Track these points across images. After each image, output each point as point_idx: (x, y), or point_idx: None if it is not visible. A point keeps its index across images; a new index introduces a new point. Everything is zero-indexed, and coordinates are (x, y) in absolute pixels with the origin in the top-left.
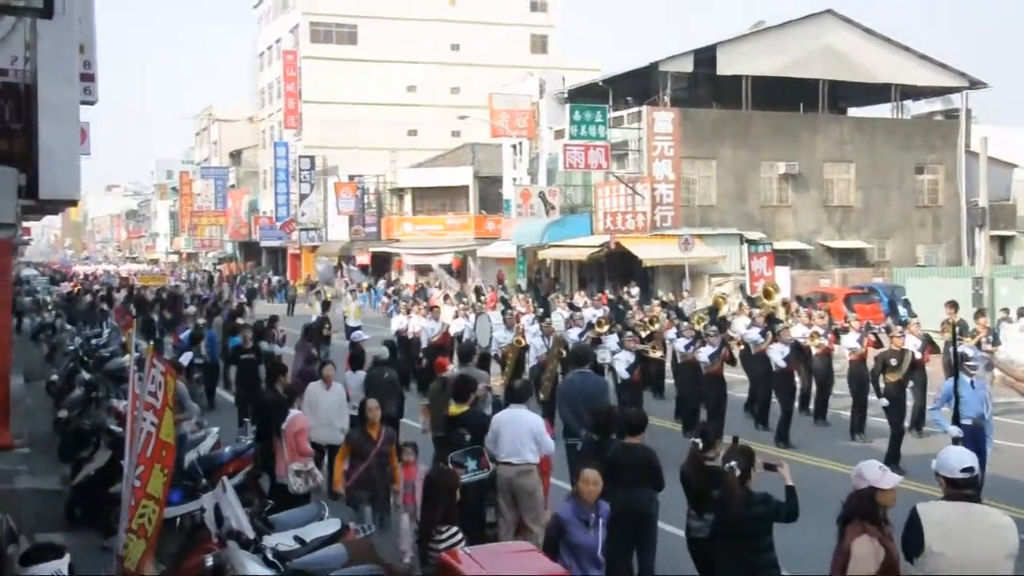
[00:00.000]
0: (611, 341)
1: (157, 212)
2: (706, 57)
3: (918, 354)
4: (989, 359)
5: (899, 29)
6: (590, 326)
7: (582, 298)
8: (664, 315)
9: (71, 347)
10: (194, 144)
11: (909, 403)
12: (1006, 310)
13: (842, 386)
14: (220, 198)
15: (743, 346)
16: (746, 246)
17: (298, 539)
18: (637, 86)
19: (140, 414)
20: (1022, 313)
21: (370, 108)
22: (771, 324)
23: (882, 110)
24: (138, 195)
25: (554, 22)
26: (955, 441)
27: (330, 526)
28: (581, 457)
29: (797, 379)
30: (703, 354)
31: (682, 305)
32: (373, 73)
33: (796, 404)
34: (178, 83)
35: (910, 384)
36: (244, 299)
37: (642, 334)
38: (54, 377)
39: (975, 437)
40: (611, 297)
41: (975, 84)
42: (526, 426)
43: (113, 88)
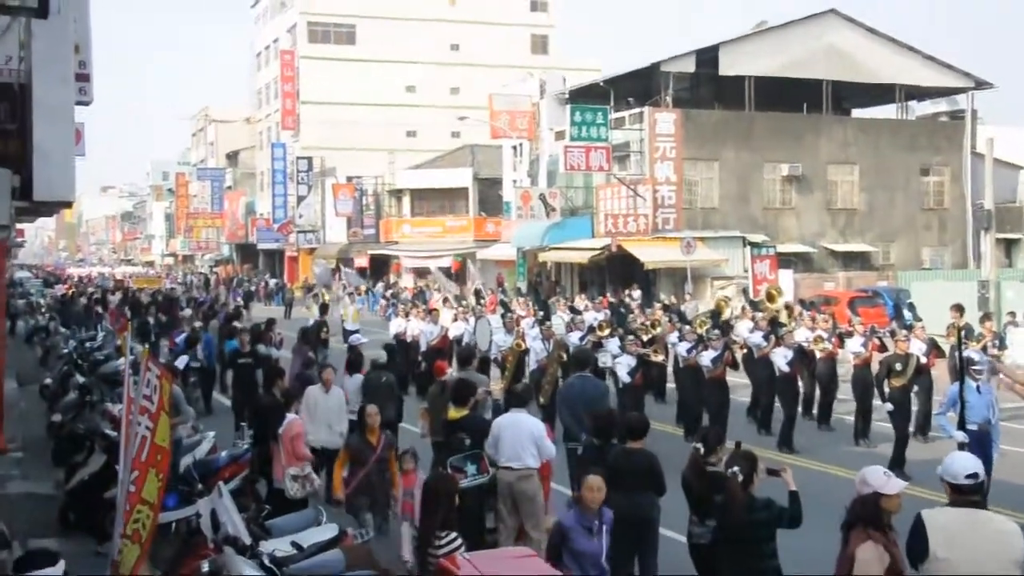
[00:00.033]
0: (612, 345)
1: (153, 214)
2: (708, 57)
3: (923, 358)
4: (993, 363)
5: (903, 29)
6: (591, 329)
7: (583, 301)
8: (666, 319)
9: (65, 350)
10: (190, 145)
11: (913, 408)
12: (1012, 314)
13: (846, 391)
14: (216, 200)
15: (746, 350)
16: (749, 249)
17: (295, 544)
18: (638, 87)
19: (135, 418)
20: None
21: (369, 109)
22: (774, 328)
23: (886, 111)
24: (133, 196)
25: (555, 22)
26: (961, 446)
27: (328, 531)
28: (581, 462)
29: (800, 384)
30: (705, 358)
31: (684, 308)
32: (372, 73)
33: (799, 409)
34: (175, 83)
35: (915, 389)
36: (241, 302)
37: (644, 338)
38: (48, 381)
39: (981, 442)
40: (612, 300)
41: (981, 84)
42: (527, 430)
43: (108, 88)
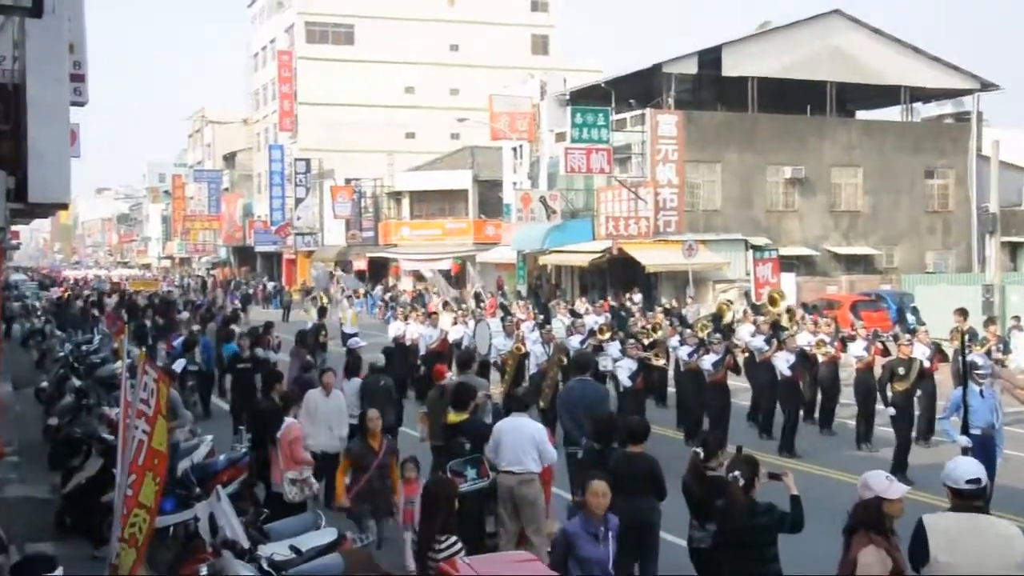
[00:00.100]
0: (613, 348)
1: (149, 216)
2: (711, 58)
3: (926, 363)
4: (994, 368)
5: (908, 29)
6: (592, 333)
7: (583, 304)
8: (667, 322)
9: (61, 353)
10: (187, 146)
11: (916, 412)
12: (1017, 318)
13: (848, 395)
14: (214, 202)
15: (747, 354)
16: (751, 252)
17: (294, 549)
18: (640, 88)
19: (132, 422)
20: None
21: (367, 110)
22: (776, 332)
23: (891, 113)
24: (130, 198)
25: (555, 22)
26: (964, 451)
27: (327, 535)
28: (582, 466)
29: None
30: (707, 362)
31: (685, 312)
32: (370, 74)
33: (801, 413)
34: (171, 84)
35: (918, 393)
36: (238, 305)
37: (645, 341)
38: (44, 384)
39: (984, 447)
40: (613, 304)
41: (986, 86)
42: (528, 434)
43: (104, 89)
